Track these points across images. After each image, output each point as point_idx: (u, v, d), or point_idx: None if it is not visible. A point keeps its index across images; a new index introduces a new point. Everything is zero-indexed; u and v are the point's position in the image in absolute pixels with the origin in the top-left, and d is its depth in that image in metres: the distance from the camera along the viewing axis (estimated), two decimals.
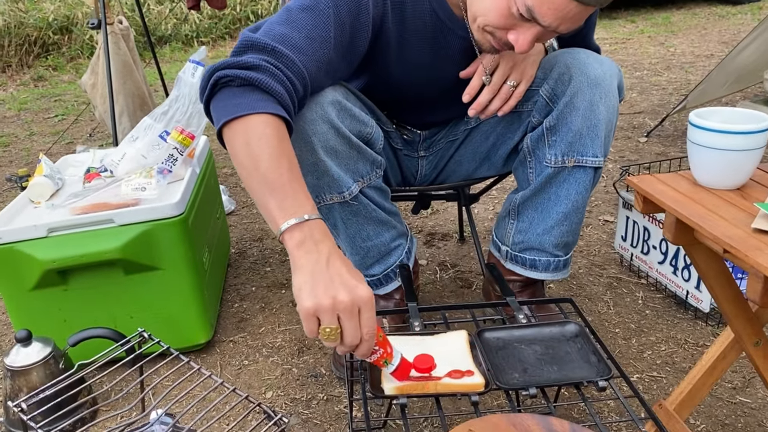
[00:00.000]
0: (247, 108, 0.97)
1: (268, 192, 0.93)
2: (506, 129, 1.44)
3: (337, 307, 0.85)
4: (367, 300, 0.87)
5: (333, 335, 0.86)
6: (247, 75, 0.99)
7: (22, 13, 6.16)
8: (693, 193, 0.97)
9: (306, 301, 0.85)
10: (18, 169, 3.11)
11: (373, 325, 0.88)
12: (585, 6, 1.04)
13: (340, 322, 0.86)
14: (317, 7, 1.09)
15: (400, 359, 0.94)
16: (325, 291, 0.85)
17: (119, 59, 2.79)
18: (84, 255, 1.40)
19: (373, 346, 0.90)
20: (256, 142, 0.95)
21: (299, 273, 0.88)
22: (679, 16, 6.50)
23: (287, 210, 0.91)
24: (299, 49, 1.06)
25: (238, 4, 6.92)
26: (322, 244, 0.90)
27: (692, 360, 1.46)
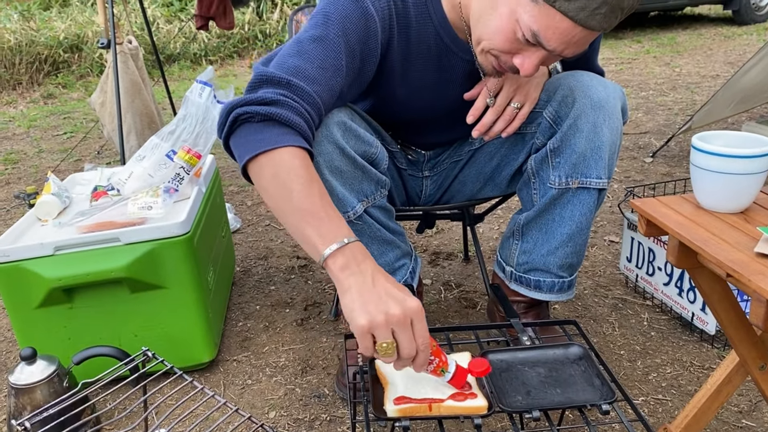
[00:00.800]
0: (271, 143, 0.99)
1: (304, 221, 0.95)
2: (510, 150, 1.44)
3: (390, 321, 0.87)
4: (417, 311, 0.89)
5: (390, 350, 0.88)
6: (267, 110, 1.01)
7: (33, 32, 6.25)
8: (696, 217, 0.97)
9: (360, 320, 0.87)
10: (26, 186, 3.14)
11: (427, 334, 0.90)
12: (590, 31, 1.05)
13: (395, 335, 0.88)
14: (328, 37, 1.11)
15: (456, 366, 0.96)
16: (376, 307, 0.87)
17: (128, 78, 2.83)
18: (90, 273, 1.41)
19: (428, 356, 0.91)
20: (286, 174, 0.97)
21: (347, 294, 0.90)
22: (684, 37, 6.53)
23: (326, 236, 0.93)
24: (313, 80, 1.07)
25: (246, 24, 7.00)
26: (364, 264, 0.92)
27: (698, 383, 1.45)
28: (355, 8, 1.14)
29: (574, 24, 1.03)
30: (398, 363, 0.91)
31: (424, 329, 0.90)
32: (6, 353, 1.76)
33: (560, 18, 1.02)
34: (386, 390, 0.99)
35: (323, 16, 1.13)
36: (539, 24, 1.04)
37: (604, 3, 1.00)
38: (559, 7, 1.01)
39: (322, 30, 1.12)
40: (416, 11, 1.23)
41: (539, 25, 1.04)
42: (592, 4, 1.00)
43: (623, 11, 1.03)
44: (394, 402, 0.94)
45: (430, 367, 0.94)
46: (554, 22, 1.03)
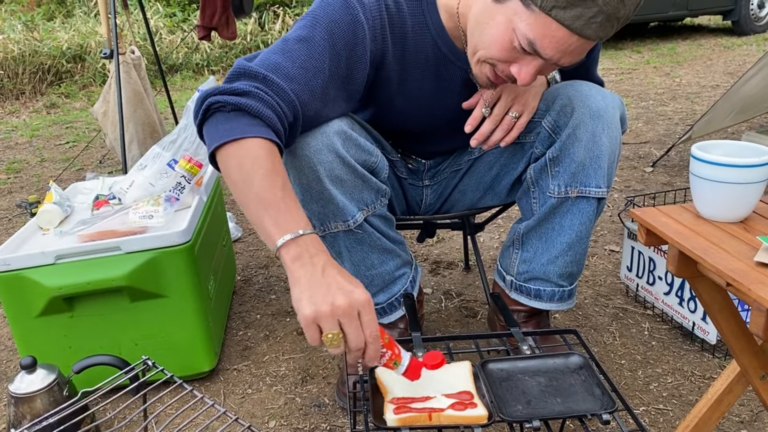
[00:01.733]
0: (239, 132, 1.00)
1: (262, 209, 0.96)
2: (509, 159, 1.45)
3: (335, 311, 0.87)
4: (364, 302, 0.89)
5: (336, 340, 0.88)
6: (238, 101, 1.03)
7: (37, 42, 6.29)
8: (696, 226, 0.97)
9: (305, 309, 0.88)
10: (28, 195, 3.15)
11: (375, 326, 0.90)
12: (586, 40, 1.05)
13: (342, 326, 0.88)
14: (313, 39, 1.12)
15: (410, 359, 0.95)
16: (323, 298, 0.88)
17: (130, 88, 2.84)
18: (90, 282, 1.41)
19: (379, 348, 0.91)
20: (250, 164, 0.98)
21: (297, 285, 0.91)
22: (684, 47, 6.56)
23: (282, 226, 0.94)
24: (291, 78, 1.09)
25: (248, 34, 7.03)
26: (317, 256, 0.93)
27: (699, 393, 1.44)
28: (345, 14, 1.15)
29: (570, 33, 1.03)
30: (349, 355, 0.91)
31: (373, 321, 0.90)
32: (6, 362, 1.76)
33: (556, 27, 1.03)
34: (386, 399, 0.99)
35: (312, 19, 1.15)
36: (535, 33, 1.04)
37: (600, 12, 1.01)
38: (555, 16, 1.02)
39: (308, 31, 1.13)
40: (413, 21, 1.24)
41: (535, 34, 1.05)
42: (588, 13, 1.01)
43: (619, 21, 1.04)
44: (393, 411, 0.94)
45: (382, 360, 0.94)
46: (550, 31, 1.03)
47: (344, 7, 1.15)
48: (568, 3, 1.00)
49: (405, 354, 0.96)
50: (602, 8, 1.00)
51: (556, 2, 1.00)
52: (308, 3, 7.58)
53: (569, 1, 1.00)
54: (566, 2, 1.00)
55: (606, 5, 1.00)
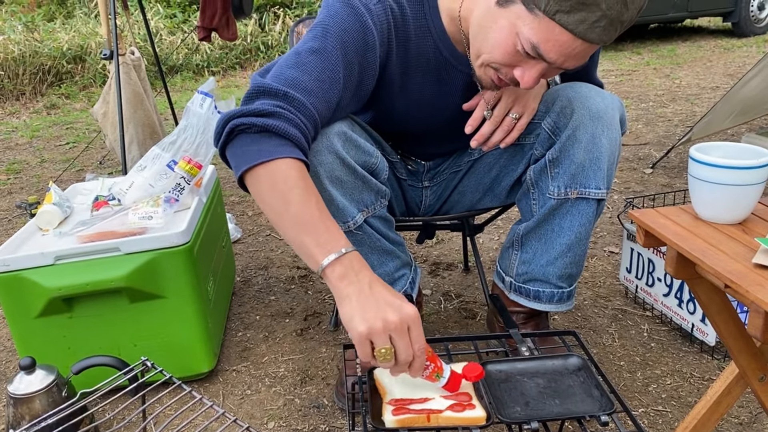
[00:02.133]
0: (268, 154, 1.00)
1: (302, 231, 0.97)
2: (509, 161, 1.45)
3: (388, 327, 0.90)
4: (414, 317, 0.92)
5: (388, 355, 0.91)
6: (264, 122, 1.02)
7: (37, 43, 6.29)
8: (694, 228, 0.97)
9: (359, 327, 0.90)
10: (28, 195, 3.15)
11: (423, 340, 0.93)
12: (590, 43, 1.05)
13: (393, 341, 0.91)
14: (326, 50, 1.12)
15: (451, 372, 0.98)
16: (375, 315, 0.90)
17: (130, 89, 2.84)
18: (90, 283, 1.41)
19: (424, 361, 0.94)
20: (283, 185, 0.98)
21: (346, 303, 0.93)
22: (684, 49, 6.56)
23: (325, 246, 0.96)
24: (309, 92, 1.08)
25: (248, 35, 7.04)
26: (361, 273, 0.95)
27: (698, 394, 1.44)
28: (354, 21, 1.14)
29: (573, 37, 1.03)
30: (395, 368, 0.94)
31: (421, 335, 0.93)
32: (5, 363, 1.76)
33: (560, 31, 1.03)
34: (385, 400, 0.99)
35: (322, 29, 1.14)
36: (539, 37, 1.04)
37: (604, 16, 1.01)
38: (559, 20, 1.01)
39: (320, 42, 1.12)
40: (415, 24, 1.24)
41: (539, 38, 1.04)
42: (592, 17, 1.01)
43: (622, 24, 1.04)
44: (392, 413, 0.94)
45: (425, 372, 0.96)
46: (554, 35, 1.03)
47: (353, 15, 1.15)
48: (571, 7, 1.00)
49: (446, 366, 0.98)
50: (606, 13, 1.00)
51: (560, 6, 1.00)
52: (308, 4, 7.59)
53: (573, 6, 1.00)
54: (570, 6, 1.00)
55: (610, 9, 1.00)
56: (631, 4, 1.01)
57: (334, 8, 1.16)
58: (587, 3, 0.99)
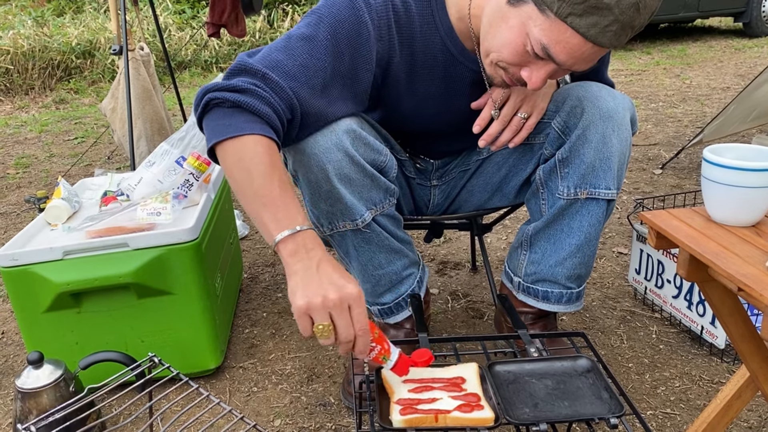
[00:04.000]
0: (237, 129, 1.02)
1: (261, 206, 1.00)
2: (518, 160, 1.44)
3: (327, 304, 0.92)
4: (356, 296, 0.93)
5: (326, 332, 0.92)
6: (236, 98, 1.04)
7: (47, 38, 6.32)
8: (707, 230, 0.96)
9: (298, 300, 0.92)
10: (37, 190, 3.16)
11: (365, 320, 0.94)
12: (600, 47, 1.04)
13: (333, 319, 0.93)
14: (316, 38, 1.13)
15: (399, 355, 0.99)
16: (315, 291, 0.92)
17: (139, 84, 2.85)
18: (98, 278, 1.41)
19: (368, 342, 0.96)
20: (249, 160, 1.00)
21: (292, 278, 0.95)
22: (694, 49, 6.52)
23: (281, 222, 0.98)
24: (291, 75, 1.10)
25: (257, 32, 7.04)
26: (312, 251, 0.97)
27: (707, 397, 1.43)
28: (350, 14, 1.15)
29: (584, 40, 1.02)
30: (339, 347, 0.95)
31: (363, 314, 0.94)
32: (13, 357, 1.77)
33: (571, 33, 1.02)
34: (392, 400, 0.98)
35: (316, 18, 1.15)
36: (549, 38, 1.04)
37: (616, 21, 1.00)
38: (571, 23, 1.01)
39: (312, 30, 1.14)
40: (421, 22, 1.23)
41: (549, 40, 1.04)
42: (604, 21, 1.00)
43: (633, 29, 1.03)
44: (399, 412, 0.94)
45: (371, 354, 0.97)
46: (565, 37, 1.03)
47: (349, 7, 1.15)
48: (584, 11, 0.99)
49: (394, 349, 0.99)
50: (618, 17, 0.99)
51: (573, 9, 0.99)
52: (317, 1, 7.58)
53: (586, 9, 0.99)
54: (583, 10, 0.99)
55: (622, 14, 0.99)
56: (643, 9, 1.01)
57: None
58: (600, 7, 0.99)
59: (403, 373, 1.00)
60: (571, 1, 0.99)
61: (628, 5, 0.99)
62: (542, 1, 1.02)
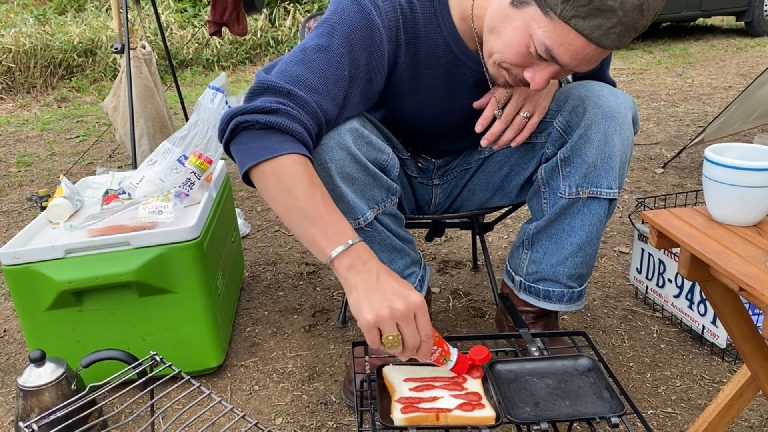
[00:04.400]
0: (272, 151, 1.02)
1: (309, 224, 1.00)
2: (520, 159, 1.44)
3: (395, 315, 0.93)
4: (420, 304, 0.95)
5: (396, 342, 0.94)
6: (267, 119, 1.04)
7: (49, 36, 6.32)
8: (708, 229, 0.96)
9: (367, 315, 0.93)
10: (39, 188, 3.17)
11: (429, 326, 0.96)
12: (604, 49, 1.04)
13: (400, 328, 0.94)
14: (331, 47, 1.12)
15: (458, 355, 1.02)
16: (381, 303, 0.94)
17: (141, 83, 2.85)
18: (99, 277, 1.41)
19: (431, 346, 0.98)
20: (289, 180, 1.01)
21: (354, 292, 0.96)
22: (696, 48, 6.52)
23: (332, 238, 0.99)
24: (314, 89, 1.09)
25: (258, 30, 7.05)
26: (369, 263, 0.98)
27: (708, 397, 1.43)
28: (361, 19, 1.14)
29: (588, 42, 1.02)
30: (403, 353, 0.97)
31: (427, 321, 0.96)
32: (15, 355, 1.77)
33: (574, 35, 1.02)
34: (393, 398, 0.98)
35: (329, 27, 1.14)
36: (553, 40, 1.04)
37: (620, 23, 1.00)
38: (574, 25, 1.01)
39: (326, 39, 1.13)
40: (425, 22, 1.23)
41: (552, 41, 1.04)
42: (607, 24, 1.00)
43: (637, 30, 1.03)
44: (401, 411, 0.94)
45: (433, 356, 1.00)
46: (568, 39, 1.03)
47: (360, 12, 1.14)
48: (588, 13, 0.99)
49: (453, 350, 1.02)
50: (622, 19, 0.99)
51: (576, 11, 0.99)
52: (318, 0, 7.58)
53: (589, 11, 0.99)
54: (586, 12, 0.99)
55: (626, 16, 0.99)
56: (647, 11, 1.01)
57: (342, 5, 1.16)
58: (603, 9, 0.99)
59: (462, 372, 1.03)
60: (575, 3, 0.99)
61: (631, 7, 0.99)
62: (546, 3, 1.02)
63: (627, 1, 0.98)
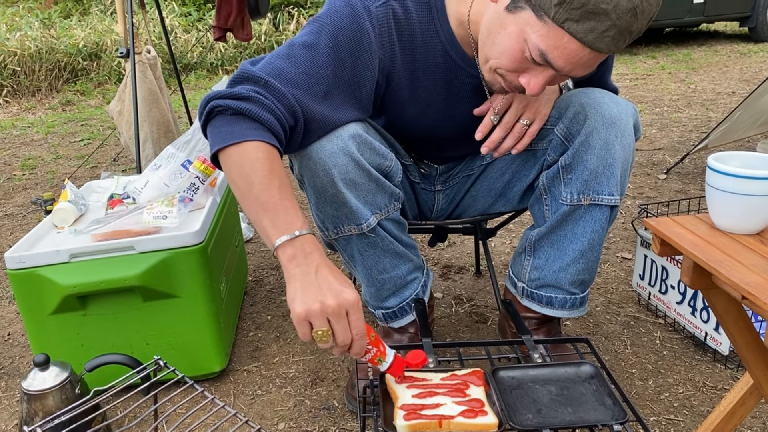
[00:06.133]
0: (239, 136, 1.03)
1: (261, 211, 1.01)
2: (522, 166, 1.44)
3: (325, 310, 0.94)
4: (353, 302, 0.95)
5: (325, 337, 0.95)
6: (238, 105, 1.05)
7: (54, 40, 6.34)
8: (711, 237, 0.96)
9: (298, 307, 0.94)
10: (43, 192, 3.18)
11: (362, 325, 0.96)
12: (598, 52, 1.05)
13: (331, 324, 0.95)
14: (318, 46, 1.14)
15: (394, 357, 1.02)
16: (314, 297, 0.94)
17: (146, 87, 2.86)
18: (104, 281, 1.42)
19: (365, 345, 0.98)
20: (249, 166, 1.02)
21: (291, 283, 0.97)
22: (700, 53, 6.51)
23: (279, 227, 0.99)
24: (293, 83, 1.11)
25: (263, 35, 7.06)
26: (311, 256, 0.98)
27: (711, 404, 1.43)
28: (351, 22, 1.16)
29: (582, 46, 1.03)
30: (336, 349, 0.97)
31: (360, 320, 0.96)
32: (19, 358, 1.78)
33: (568, 39, 1.03)
34: (396, 405, 0.99)
35: (318, 26, 1.16)
36: (547, 44, 1.04)
37: (613, 26, 1.00)
38: (568, 28, 1.01)
39: (314, 38, 1.15)
40: (422, 28, 1.24)
41: (547, 45, 1.04)
42: (601, 27, 1.00)
43: (632, 34, 1.03)
44: (403, 417, 0.94)
45: (367, 356, 1.00)
46: (562, 43, 1.03)
47: (350, 15, 1.16)
48: (581, 16, 1.00)
49: (389, 351, 1.02)
50: (615, 22, 1.00)
51: (570, 15, 1.00)
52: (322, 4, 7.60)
53: (582, 15, 1.00)
54: (579, 15, 1.00)
55: (619, 19, 1.00)
56: (641, 15, 1.01)
57: (335, 7, 1.18)
58: (597, 12, 0.99)
59: (398, 374, 1.02)
60: (568, 7, 1.00)
61: (625, 10, 0.99)
62: (539, 7, 1.02)
63: (620, 5, 0.98)
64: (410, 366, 1.04)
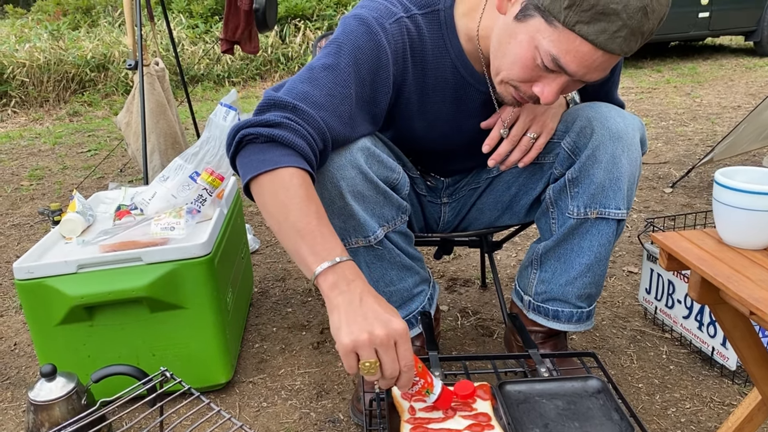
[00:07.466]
0: (272, 163, 1.02)
1: (299, 239, 0.98)
2: (528, 179, 1.45)
3: (374, 341, 0.89)
4: (402, 332, 0.91)
5: (373, 369, 0.89)
6: (270, 132, 1.04)
7: (62, 51, 6.40)
8: (719, 252, 0.96)
9: (344, 339, 0.89)
10: (50, 202, 3.19)
11: (410, 356, 0.92)
12: (611, 54, 1.04)
13: (378, 355, 0.90)
14: (338, 66, 1.14)
15: (441, 388, 0.98)
16: (361, 327, 0.89)
17: (154, 99, 2.88)
18: (111, 292, 1.43)
19: (412, 377, 0.93)
20: (284, 193, 1.00)
21: (335, 313, 0.92)
22: (705, 67, 6.53)
23: (319, 254, 0.96)
24: (320, 105, 1.10)
25: (269, 47, 7.11)
26: (353, 283, 0.94)
27: (718, 419, 1.42)
28: (368, 40, 1.16)
29: (594, 48, 1.02)
30: (382, 382, 0.93)
31: (408, 351, 0.92)
32: (25, 369, 1.78)
33: (580, 42, 1.02)
34: (403, 418, 0.99)
35: (336, 46, 1.16)
36: (558, 49, 1.03)
37: (624, 26, 1.00)
38: (579, 31, 1.01)
39: (334, 59, 1.14)
40: (433, 45, 1.24)
41: (559, 50, 1.04)
42: (612, 27, 1.00)
43: (643, 35, 1.03)
44: (410, 431, 0.94)
45: (414, 388, 0.96)
46: (574, 46, 1.03)
47: (367, 33, 1.16)
48: (591, 18, 0.99)
49: (437, 383, 0.98)
50: (626, 22, 1.00)
51: (580, 17, 1.00)
52: (329, 17, 7.65)
53: (593, 16, 0.99)
54: (590, 17, 0.99)
55: (630, 19, 0.99)
56: (651, 14, 1.00)
57: (350, 26, 1.18)
58: (607, 13, 0.98)
59: (446, 406, 0.99)
60: (578, 9, 0.99)
61: (635, 10, 0.98)
62: (549, 12, 1.02)
63: (630, 4, 0.98)
64: (458, 397, 1.00)
